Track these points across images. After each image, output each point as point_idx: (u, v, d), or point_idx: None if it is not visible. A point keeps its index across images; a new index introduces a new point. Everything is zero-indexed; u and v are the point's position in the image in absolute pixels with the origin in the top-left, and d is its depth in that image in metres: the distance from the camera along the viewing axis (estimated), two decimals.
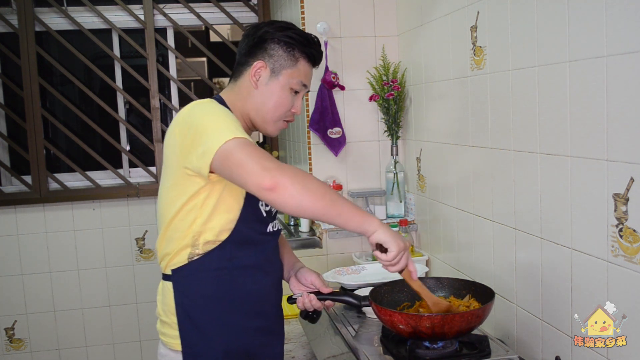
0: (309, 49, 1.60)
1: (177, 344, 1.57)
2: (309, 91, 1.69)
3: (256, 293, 1.60)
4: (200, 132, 1.42)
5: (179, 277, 1.56)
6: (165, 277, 1.59)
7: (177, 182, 1.51)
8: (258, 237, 1.59)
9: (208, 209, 1.51)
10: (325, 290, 1.69)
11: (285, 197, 1.35)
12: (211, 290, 1.55)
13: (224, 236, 1.53)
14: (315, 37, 1.64)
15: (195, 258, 1.54)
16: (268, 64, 1.58)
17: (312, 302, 1.68)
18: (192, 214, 1.51)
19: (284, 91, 1.59)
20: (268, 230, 1.62)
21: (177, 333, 1.56)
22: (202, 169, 1.42)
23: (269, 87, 1.59)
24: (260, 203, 1.58)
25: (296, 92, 1.62)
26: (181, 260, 1.55)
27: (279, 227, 1.70)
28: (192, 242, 1.53)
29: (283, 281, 1.76)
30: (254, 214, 1.57)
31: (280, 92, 1.59)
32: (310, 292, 1.69)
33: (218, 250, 1.54)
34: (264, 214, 1.60)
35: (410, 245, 1.43)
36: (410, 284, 1.55)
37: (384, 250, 1.44)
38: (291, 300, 1.72)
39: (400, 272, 1.50)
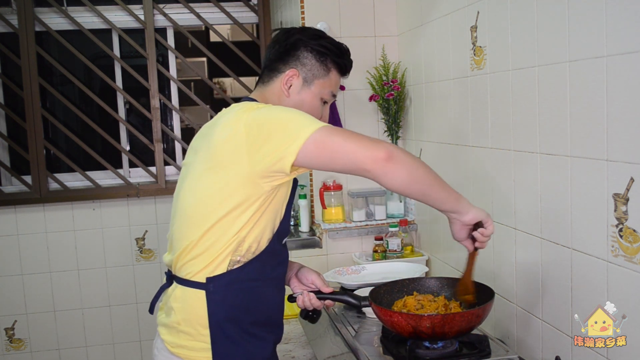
0: (341, 59, 1.60)
1: (202, 357, 1.47)
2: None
3: (277, 305, 1.58)
4: (281, 127, 1.36)
5: (215, 287, 1.45)
6: (191, 284, 1.47)
7: (232, 183, 1.41)
8: (280, 248, 1.56)
9: (258, 216, 1.45)
10: (326, 290, 1.69)
11: (396, 169, 1.34)
12: (242, 302, 1.48)
13: (264, 246, 1.49)
14: (346, 46, 1.64)
15: (235, 267, 1.46)
16: (300, 72, 1.57)
17: (312, 301, 1.67)
18: (244, 217, 1.43)
19: (315, 101, 1.59)
20: (283, 242, 1.60)
21: (203, 345, 1.46)
22: (285, 160, 1.35)
23: (300, 96, 1.58)
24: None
25: (324, 102, 1.62)
26: (221, 268, 1.45)
27: None
28: (235, 247, 1.45)
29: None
30: (285, 225, 1.55)
31: (311, 101, 1.58)
32: (310, 292, 1.69)
33: (255, 261, 1.48)
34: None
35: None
36: (471, 262, 1.59)
37: (475, 228, 1.49)
38: (291, 298, 1.72)
39: (475, 250, 1.55)
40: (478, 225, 1.49)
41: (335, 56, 1.59)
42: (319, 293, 1.69)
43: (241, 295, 1.47)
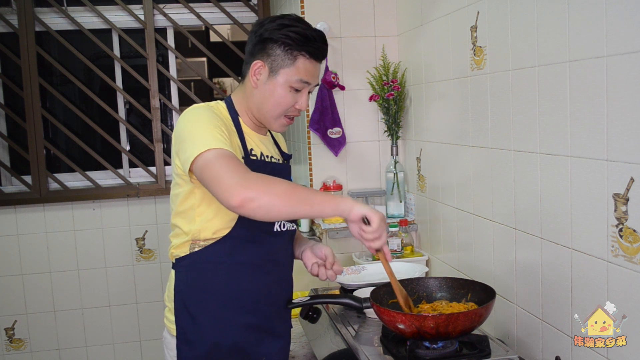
0: (307, 47, 1.59)
1: (174, 329, 1.64)
2: (317, 85, 1.70)
3: (252, 291, 1.63)
4: (183, 140, 1.51)
5: (180, 267, 1.63)
6: (172, 266, 1.66)
7: (177, 180, 1.61)
8: (261, 236, 1.60)
9: (209, 208, 1.57)
10: (333, 266, 1.70)
11: (254, 210, 1.40)
12: (207, 283, 1.60)
13: (223, 233, 1.58)
14: (318, 32, 1.63)
15: (197, 249, 1.60)
16: (266, 63, 1.60)
17: (328, 273, 1.68)
18: (191, 212, 1.59)
19: (283, 90, 1.60)
20: (275, 230, 1.64)
21: (174, 319, 1.63)
22: (185, 174, 1.54)
23: (267, 87, 1.61)
24: None
25: (297, 90, 1.62)
26: (184, 250, 1.62)
27: (291, 227, 1.71)
28: (192, 237, 1.60)
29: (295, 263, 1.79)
30: None
31: (279, 90, 1.60)
32: (310, 297, 1.69)
33: (218, 244, 1.59)
34: None
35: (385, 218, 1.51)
36: (385, 266, 1.56)
37: (366, 224, 1.47)
38: (292, 304, 1.73)
39: (378, 251, 1.51)
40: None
41: (301, 44, 1.59)
42: (319, 297, 1.69)
43: (203, 276, 1.60)
